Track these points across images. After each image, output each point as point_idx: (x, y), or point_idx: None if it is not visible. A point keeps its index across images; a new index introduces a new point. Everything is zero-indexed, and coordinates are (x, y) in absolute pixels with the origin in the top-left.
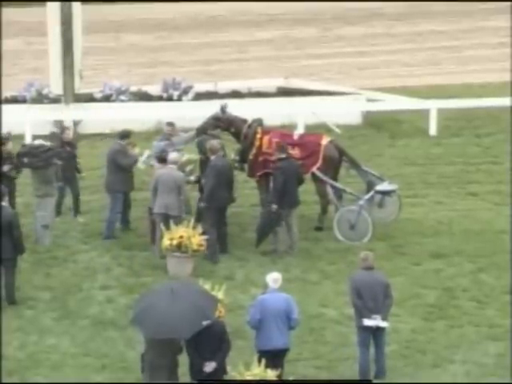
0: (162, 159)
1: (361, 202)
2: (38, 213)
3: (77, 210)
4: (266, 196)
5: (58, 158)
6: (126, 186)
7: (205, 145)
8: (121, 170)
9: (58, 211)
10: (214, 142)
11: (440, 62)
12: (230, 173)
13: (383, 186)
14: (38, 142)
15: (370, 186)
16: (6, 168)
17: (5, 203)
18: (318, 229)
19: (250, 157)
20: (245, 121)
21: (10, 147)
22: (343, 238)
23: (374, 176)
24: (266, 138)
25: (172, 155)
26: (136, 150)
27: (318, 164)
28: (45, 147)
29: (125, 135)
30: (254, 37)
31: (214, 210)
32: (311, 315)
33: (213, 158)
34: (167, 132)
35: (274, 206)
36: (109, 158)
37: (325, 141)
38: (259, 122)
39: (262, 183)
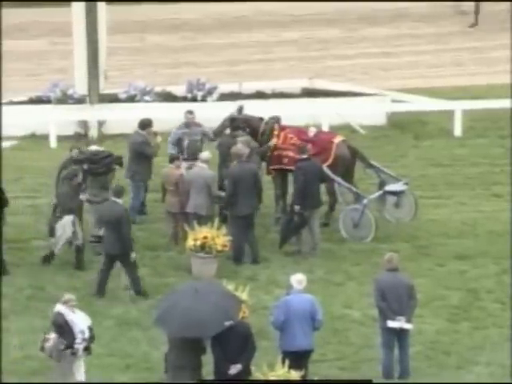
0: (172, 159)
1: (365, 201)
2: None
3: None
4: (278, 194)
5: (116, 164)
6: (147, 175)
7: (228, 148)
8: (144, 160)
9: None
10: (240, 147)
11: (464, 62)
12: (252, 178)
13: (393, 187)
14: (94, 147)
15: (381, 186)
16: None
17: (120, 200)
18: (325, 225)
19: (268, 154)
20: (261, 119)
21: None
22: (348, 237)
23: (390, 176)
24: (282, 135)
25: (204, 154)
26: (158, 139)
27: (329, 162)
28: (104, 153)
29: (145, 124)
30: (279, 37)
31: (236, 217)
32: (335, 316)
33: (234, 163)
34: (188, 120)
35: (297, 207)
36: (132, 149)
37: (337, 139)
38: (276, 119)
39: (277, 179)
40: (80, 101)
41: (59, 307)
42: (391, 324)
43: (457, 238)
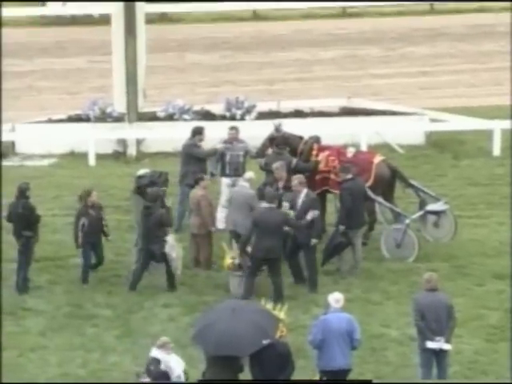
0: (197, 180)
1: (407, 221)
2: None
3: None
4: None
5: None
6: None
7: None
8: (193, 162)
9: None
10: (282, 173)
11: (503, 82)
12: None
13: (433, 206)
14: (143, 171)
15: (421, 206)
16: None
17: (274, 205)
18: (363, 244)
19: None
20: (301, 138)
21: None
22: (390, 256)
23: (430, 195)
24: (322, 156)
25: (247, 174)
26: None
27: (370, 183)
28: (158, 172)
29: (195, 132)
30: (317, 56)
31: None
32: (373, 335)
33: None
34: (230, 136)
35: (342, 227)
36: (183, 151)
37: (377, 159)
38: (315, 138)
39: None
40: (119, 119)
41: (155, 353)
42: (430, 345)
43: (495, 257)
